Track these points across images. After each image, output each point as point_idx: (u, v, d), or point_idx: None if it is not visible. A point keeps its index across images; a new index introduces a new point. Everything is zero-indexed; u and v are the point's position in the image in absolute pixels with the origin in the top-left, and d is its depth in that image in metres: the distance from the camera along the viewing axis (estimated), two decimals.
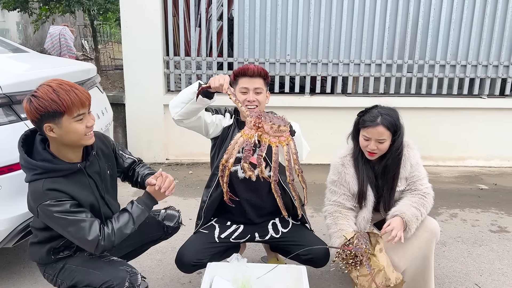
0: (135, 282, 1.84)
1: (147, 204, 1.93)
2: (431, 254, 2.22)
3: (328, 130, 4.74)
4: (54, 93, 1.67)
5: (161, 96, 4.66)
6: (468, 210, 3.63)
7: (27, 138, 1.83)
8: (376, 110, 2.22)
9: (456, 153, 4.89)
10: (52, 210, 1.71)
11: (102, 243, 1.77)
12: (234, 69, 2.28)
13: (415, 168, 2.31)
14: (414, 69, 4.70)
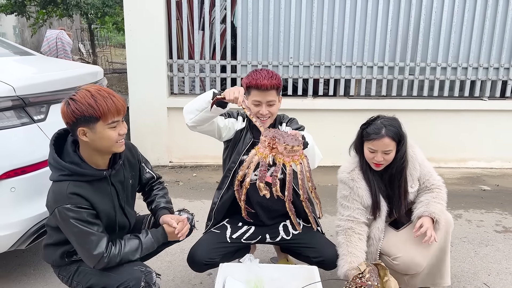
0: (150, 281, 1.86)
1: (159, 240, 1.99)
2: (448, 246, 2.25)
3: (331, 133, 4.77)
4: (92, 98, 1.70)
5: (165, 99, 4.67)
6: (472, 211, 3.66)
7: (59, 137, 1.86)
8: (379, 122, 2.22)
9: (457, 155, 4.93)
10: (69, 215, 1.74)
11: (105, 261, 1.80)
12: (246, 79, 2.16)
13: (424, 166, 2.34)
14: (415, 72, 4.74)
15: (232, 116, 2.33)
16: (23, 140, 2.18)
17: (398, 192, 2.30)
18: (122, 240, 1.91)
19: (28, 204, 2.18)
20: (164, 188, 2.27)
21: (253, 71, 2.20)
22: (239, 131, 2.32)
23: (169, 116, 4.72)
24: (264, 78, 2.12)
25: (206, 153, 4.82)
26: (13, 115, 2.17)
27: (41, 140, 2.26)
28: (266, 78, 2.12)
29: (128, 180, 2.03)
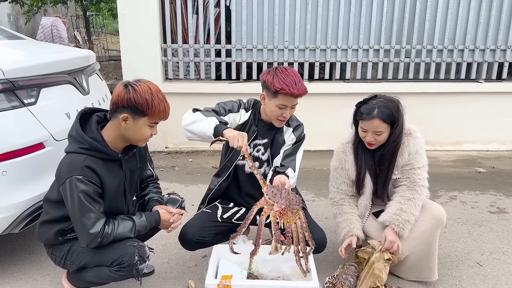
0: (144, 255, 1.90)
1: (152, 224, 2.05)
2: (435, 241, 2.26)
3: (327, 116, 4.76)
4: (150, 96, 1.83)
5: (159, 84, 4.63)
6: (467, 192, 3.67)
7: (84, 114, 1.96)
8: (373, 102, 2.19)
9: (453, 138, 4.93)
10: (79, 186, 1.80)
11: (98, 240, 1.85)
12: (277, 83, 2.09)
13: (413, 157, 2.28)
14: (411, 54, 4.72)
15: (232, 111, 2.29)
16: (13, 124, 2.16)
17: (385, 175, 2.31)
18: (115, 220, 1.93)
19: (20, 187, 2.17)
20: (159, 188, 2.36)
21: (281, 73, 2.14)
22: (242, 124, 2.29)
23: None
24: (296, 85, 2.10)
25: None
26: (3, 99, 2.14)
27: (32, 123, 2.25)
28: (298, 87, 2.10)
29: (136, 170, 2.13)
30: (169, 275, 2.44)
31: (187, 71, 4.87)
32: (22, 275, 2.39)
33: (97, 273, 1.93)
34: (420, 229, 2.23)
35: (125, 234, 1.93)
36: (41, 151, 2.27)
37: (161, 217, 2.07)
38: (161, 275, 2.44)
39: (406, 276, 2.37)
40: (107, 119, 1.97)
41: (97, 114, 1.98)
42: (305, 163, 4.32)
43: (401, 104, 2.25)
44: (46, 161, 2.28)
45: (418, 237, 2.24)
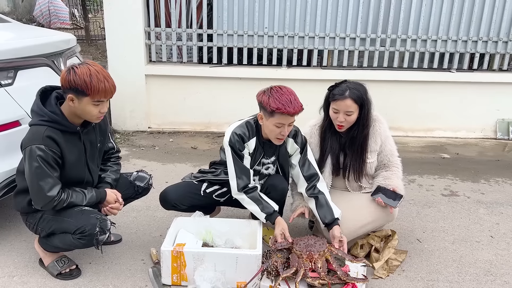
0: (105, 227, 2.11)
1: (99, 199, 2.26)
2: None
3: (304, 102, 4.83)
4: (89, 77, 1.98)
5: (143, 66, 4.82)
6: (426, 176, 3.90)
7: (45, 91, 2.17)
8: (345, 85, 2.42)
9: (425, 125, 5.14)
10: (38, 153, 2.00)
11: (54, 204, 2.07)
12: (273, 103, 2.20)
13: (387, 142, 2.56)
14: (386, 43, 4.89)
15: (243, 150, 2.41)
16: None
17: (357, 154, 2.53)
18: (70, 190, 2.16)
19: None
20: (119, 164, 2.56)
21: (276, 92, 2.25)
22: (253, 151, 2.45)
23: (147, 83, 4.88)
24: (292, 104, 2.22)
25: (184, 119, 5.03)
26: None
27: (9, 103, 2.46)
28: (293, 105, 2.22)
29: (96, 143, 2.32)
30: (135, 243, 2.69)
31: (170, 54, 5.04)
32: (1, 240, 2.64)
33: (62, 239, 2.17)
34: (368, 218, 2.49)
35: (77, 204, 2.15)
36: (17, 128, 2.49)
37: (107, 198, 2.29)
38: (127, 243, 2.68)
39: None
40: None
41: (57, 91, 2.18)
42: None
43: (368, 90, 2.46)
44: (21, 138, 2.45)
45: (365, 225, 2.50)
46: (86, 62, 2.07)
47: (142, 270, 2.41)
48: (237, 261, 2.20)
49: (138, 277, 2.35)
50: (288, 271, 2.20)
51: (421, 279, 2.40)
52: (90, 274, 2.36)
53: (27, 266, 2.40)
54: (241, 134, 2.37)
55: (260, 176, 2.59)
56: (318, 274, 2.19)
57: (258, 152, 2.47)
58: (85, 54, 8.76)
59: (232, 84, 4.93)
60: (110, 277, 2.34)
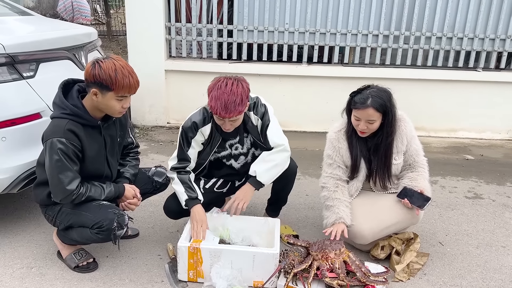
0: (122, 222, 2.11)
1: (117, 194, 2.26)
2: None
3: (324, 99, 4.88)
4: (114, 72, 1.98)
5: (163, 62, 4.82)
6: (449, 178, 3.80)
7: (67, 84, 2.17)
8: (367, 92, 2.32)
9: (448, 125, 5.01)
10: (58, 146, 2.00)
11: (72, 197, 2.07)
12: (210, 100, 2.19)
13: (413, 142, 2.48)
14: (410, 41, 4.77)
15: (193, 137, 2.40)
16: (12, 95, 2.38)
17: (382, 162, 2.46)
18: (89, 184, 2.16)
19: (18, 152, 2.40)
20: (138, 159, 2.56)
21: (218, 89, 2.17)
22: (208, 138, 2.43)
23: (167, 78, 4.89)
24: (224, 109, 2.15)
25: None
26: (4, 71, 2.36)
27: (30, 95, 2.47)
28: (226, 111, 2.15)
29: (117, 137, 2.32)
30: (152, 238, 2.68)
31: (190, 50, 5.04)
32: (21, 232, 2.66)
33: (80, 233, 2.17)
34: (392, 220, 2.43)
35: (95, 198, 2.15)
36: (38, 120, 2.50)
37: (125, 193, 2.29)
38: (144, 238, 2.68)
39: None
40: None
41: (79, 84, 2.18)
42: (299, 143, 4.50)
43: (392, 95, 2.37)
44: (42, 130, 2.47)
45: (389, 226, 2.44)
46: (111, 56, 2.06)
47: (158, 265, 2.40)
48: (254, 259, 2.17)
49: (154, 272, 2.34)
50: (299, 266, 2.16)
51: (444, 284, 2.33)
52: (107, 267, 2.36)
53: (45, 257, 2.42)
54: (195, 121, 2.38)
55: (235, 157, 2.55)
56: (337, 275, 2.14)
57: (216, 137, 2.43)
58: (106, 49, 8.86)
59: (251, 80, 4.77)
60: (126, 271, 2.34)
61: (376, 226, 2.41)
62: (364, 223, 2.41)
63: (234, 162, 2.58)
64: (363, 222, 2.41)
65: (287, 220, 2.90)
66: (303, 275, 2.17)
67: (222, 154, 2.54)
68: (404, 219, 2.44)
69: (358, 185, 2.53)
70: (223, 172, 2.63)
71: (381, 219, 2.42)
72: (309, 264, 2.21)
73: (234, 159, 2.57)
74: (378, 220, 2.41)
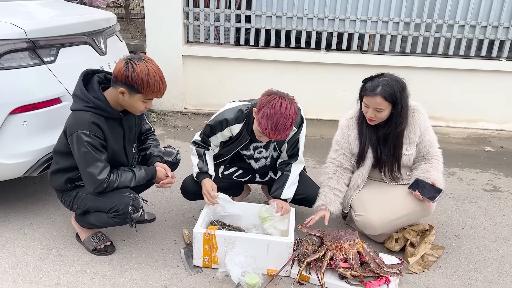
0: (137, 205, 2.15)
1: (149, 176, 2.30)
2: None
3: (342, 87, 4.84)
4: (147, 77, 2.01)
5: (180, 47, 4.82)
6: (467, 170, 3.74)
7: (86, 74, 2.18)
8: (378, 80, 2.29)
9: (468, 115, 4.92)
10: (85, 139, 2.04)
11: (104, 186, 2.11)
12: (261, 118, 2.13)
13: (426, 133, 2.44)
14: (432, 29, 4.67)
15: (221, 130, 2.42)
16: (33, 80, 2.41)
17: (391, 152, 2.44)
18: (118, 170, 2.19)
19: (38, 136, 2.45)
20: (157, 140, 2.58)
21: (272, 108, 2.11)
22: (236, 136, 2.44)
23: (184, 64, 4.89)
24: (275, 132, 2.12)
25: (219, 101, 4.98)
26: (25, 56, 2.39)
27: (50, 80, 2.50)
28: (276, 134, 2.13)
29: (134, 126, 2.35)
30: (168, 223, 2.72)
31: (208, 35, 5.02)
32: (41, 213, 2.73)
33: (97, 218, 2.22)
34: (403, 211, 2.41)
35: (126, 183, 2.19)
36: (58, 105, 2.54)
37: (157, 174, 2.32)
38: (161, 223, 2.72)
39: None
40: (107, 79, 2.18)
41: (98, 75, 2.19)
42: (315, 131, 4.48)
43: (406, 86, 2.33)
44: (62, 114, 2.51)
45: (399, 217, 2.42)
46: (143, 58, 2.07)
47: (174, 250, 2.44)
48: (268, 247, 2.19)
49: (170, 257, 2.38)
50: (313, 255, 2.18)
51: (458, 277, 2.32)
52: (124, 251, 2.41)
53: (64, 240, 2.48)
54: (227, 119, 2.39)
55: (256, 159, 2.60)
56: (350, 266, 2.15)
57: (244, 137, 2.44)
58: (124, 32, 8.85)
59: (269, 67, 4.86)
60: (143, 255, 2.38)
61: (386, 217, 2.40)
62: (373, 214, 2.40)
63: (253, 163, 2.62)
64: (373, 213, 2.41)
65: (299, 209, 2.89)
66: (317, 265, 2.19)
67: (243, 153, 2.58)
68: (415, 211, 2.42)
69: (364, 175, 2.52)
70: (243, 165, 2.66)
71: (391, 210, 2.41)
72: (322, 254, 2.22)
73: (254, 161, 2.61)
74: (388, 211, 2.40)
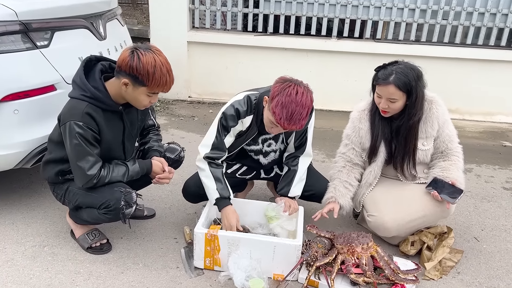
0: (130, 200, 2.00)
1: (143, 170, 2.14)
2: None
3: (353, 77, 4.64)
4: (153, 68, 1.83)
5: (185, 32, 4.64)
6: (485, 166, 3.55)
7: (90, 61, 2.01)
8: (392, 67, 2.12)
9: (485, 108, 4.71)
10: (77, 130, 1.88)
11: (94, 181, 1.97)
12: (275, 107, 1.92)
13: (445, 127, 2.26)
14: (450, 16, 4.44)
15: (233, 126, 2.19)
16: (25, 65, 2.25)
17: (404, 146, 2.27)
18: (110, 164, 2.04)
19: (31, 126, 2.30)
20: (160, 135, 2.41)
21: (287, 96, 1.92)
22: (246, 129, 2.24)
23: (189, 50, 4.71)
24: (290, 122, 1.93)
25: (225, 90, 4.83)
26: (17, 40, 2.23)
27: (44, 66, 2.34)
28: (291, 124, 1.94)
29: (137, 122, 2.19)
30: (169, 219, 2.57)
31: (214, 21, 4.82)
32: (35, 207, 2.59)
33: (89, 214, 2.08)
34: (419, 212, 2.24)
35: (118, 178, 2.04)
36: (52, 93, 2.38)
37: (153, 168, 2.16)
38: (161, 219, 2.57)
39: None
40: (112, 68, 2.01)
41: (102, 63, 2.03)
42: (324, 123, 4.31)
43: (423, 75, 2.15)
44: (57, 103, 2.34)
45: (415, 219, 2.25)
46: (151, 47, 1.89)
47: (174, 250, 2.29)
48: (274, 250, 2.03)
49: (169, 257, 2.23)
50: (323, 259, 2.02)
51: (479, 285, 2.15)
52: (121, 250, 2.26)
53: (58, 236, 2.34)
54: (238, 109, 2.15)
55: (265, 154, 2.39)
56: (363, 271, 1.99)
57: (252, 130, 2.23)
58: (130, 18, 8.66)
59: (277, 54, 4.67)
60: (141, 254, 2.24)
61: (401, 218, 2.23)
62: (387, 214, 2.24)
63: (262, 158, 2.42)
64: (387, 213, 2.24)
65: (309, 207, 2.74)
66: (327, 269, 2.03)
67: (251, 148, 2.37)
68: (433, 212, 2.24)
69: (377, 171, 2.35)
70: (247, 162, 2.47)
71: (406, 210, 2.24)
72: (333, 258, 2.06)
73: (263, 156, 2.41)
74: (403, 211, 2.24)
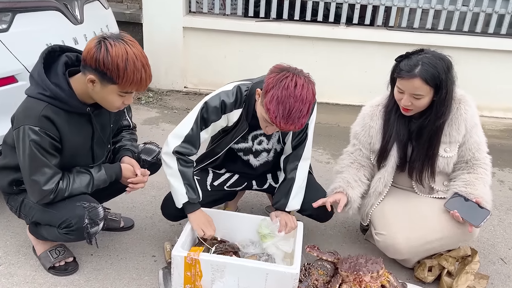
0: (96, 217, 1.69)
1: (112, 177, 1.80)
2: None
3: (363, 68, 4.29)
4: (124, 62, 1.51)
5: (181, 17, 4.28)
6: (508, 170, 3.20)
7: (52, 52, 1.65)
8: (418, 57, 1.77)
9: (506, 103, 4.33)
10: (32, 137, 1.55)
11: (50, 197, 1.64)
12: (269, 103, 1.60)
13: (473, 132, 1.92)
14: (470, 3, 4.04)
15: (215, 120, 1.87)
16: None
17: (423, 151, 1.92)
18: (71, 173, 1.71)
19: None
20: (134, 134, 2.07)
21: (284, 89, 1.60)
22: (234, 124, 1.91)
23: (185, 36, 4.35)
24: (289, 121, 1.62)
25: (223, 80, 4.44)
26: None
27: (2, 53, 2.02)
28: (289, 124, 1.62)
29: (109, 124, 1.85)
30: (149, 232, 2.25)
31: (212, 5, 4.46)
32: None
33: (49, 232, 1.77)
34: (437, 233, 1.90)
35: (81, 190, 1.71)
36: (12, 85, 2.09)
37: (123, 173, 1.83)
38: (140, 231, 2.26)
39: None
40: (79, 60, 1.63)
41: (67, 55, 1.67)
42: (330, 118, 3.96)
43: (453, 66, 1.81)
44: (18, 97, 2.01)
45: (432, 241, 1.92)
46: (123, 38, 1.54)
47: (151, 271, 1.97)
48: (267, 278, 1.71)
49: (145, 280, 1.92)
50: None
51: None
52: (89, 270, 1.95)
53: (19, 252, 2.03)
54: (224, 101, 1.83)
55: (255, 153, 2.04)
56: None
57: (242, 126, 1.90)
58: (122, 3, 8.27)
59: (280, 42, 4.31)
60: (111, 276, 1.93)
61: (415, 239, 1.90)
62: (398, 233, 1.91)
63: (252, 159, 2.06)
64: (398, 231, 1.91)
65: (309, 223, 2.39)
66: None
67: (239, 146, 2.02)
68: (452, 235, 1.90)
69: (388, 179, 2.01)
70: (237, 167, 2.11)
71: (421, 230, 1.90)
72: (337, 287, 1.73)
73: (253, 155, 2.05)
74: (417, 231, 1.90)
